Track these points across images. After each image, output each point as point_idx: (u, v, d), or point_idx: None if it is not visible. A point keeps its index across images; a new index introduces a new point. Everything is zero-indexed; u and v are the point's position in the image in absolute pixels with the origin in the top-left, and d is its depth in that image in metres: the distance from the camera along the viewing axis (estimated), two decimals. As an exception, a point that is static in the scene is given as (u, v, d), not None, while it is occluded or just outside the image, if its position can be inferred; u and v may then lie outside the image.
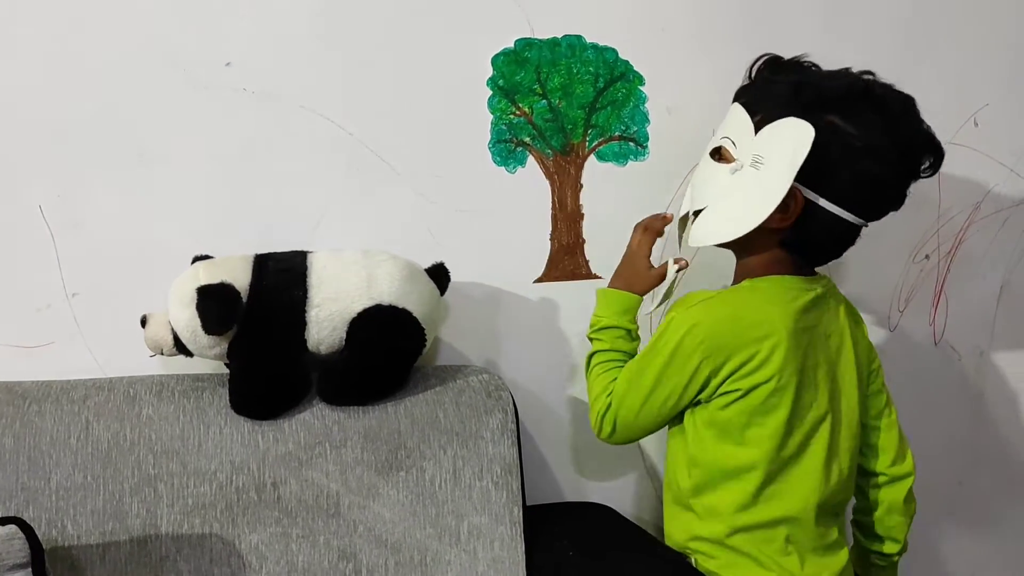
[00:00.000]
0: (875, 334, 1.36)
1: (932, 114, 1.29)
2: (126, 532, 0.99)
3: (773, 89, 0.97)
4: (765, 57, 1.03)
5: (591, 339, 1.08)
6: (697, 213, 1.01)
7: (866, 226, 0.99)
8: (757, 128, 0.95)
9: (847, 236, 0.99)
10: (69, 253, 1.12)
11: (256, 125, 1.14)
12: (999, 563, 1.48)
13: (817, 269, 1.05)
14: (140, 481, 1.00)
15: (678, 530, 1.05)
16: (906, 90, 1.27)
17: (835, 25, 1.28)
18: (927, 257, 1.37)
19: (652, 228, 1.07)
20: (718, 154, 0.99)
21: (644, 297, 1.08)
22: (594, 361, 1.07)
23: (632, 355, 1.05)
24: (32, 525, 0.88)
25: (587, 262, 1.26)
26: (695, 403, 0.99)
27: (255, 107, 1.13)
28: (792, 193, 0.93)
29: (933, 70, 1.31)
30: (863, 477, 1.08)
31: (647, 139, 1.25)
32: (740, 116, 0.97)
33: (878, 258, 1.35)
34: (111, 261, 1.13)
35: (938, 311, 1.39)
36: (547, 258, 1.25)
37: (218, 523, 1.01)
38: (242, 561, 1.01)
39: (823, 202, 0.94)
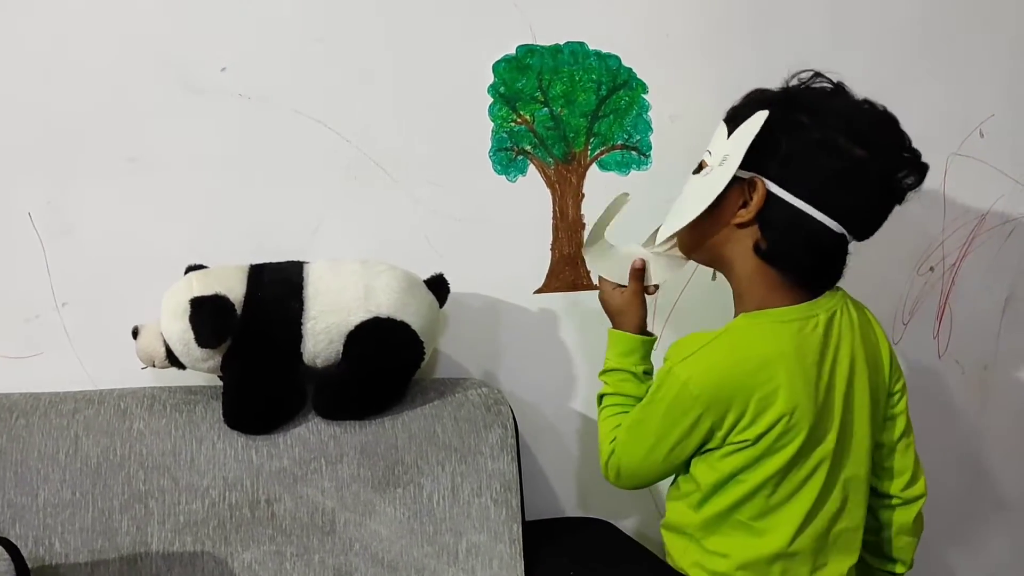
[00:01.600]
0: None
1: (937, 125, 1.31)
2: (116, 550, 0.97)
3: (752, 103, 0.97)
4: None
5: (603, 380, 1.06)
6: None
7: (849, 239, 0.93)
8: (729, 134, 0.94)
9: (823, 242, 0.92)
10: (59, 261, 1.10)
11: (252, 131, 1.12)
12: (1002, 578, 1.47)
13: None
14: (130, 497, 0.98)
15: (681, 555, 1.02)
16: (911, 100, 1.27)
17: (841, 34, 1.26)
18: (931, 269, 1.36)
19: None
20: (698, 167, 0.99)
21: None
22: (602, 404, 1.05)
23: (640, 398, 1.01)
24: (18, 544, 0.87)
25: (588, 272, 1.24)
26: (705, 451, 0.96)
27: (251, 113, 1.11)
28: (752, 184, 0.92)
29: (939, 80, 1.30)
30: (876, 498, 1.04)
31: (650, 148, 1.24)
32: (721, 130, 0.97)
33: (882, 270, 1.34)
34: (102, 270, 1.10)
35: (942, 324, 1.38)
36: (548, 268, 1.23)
37: (210, 541, 0.99)
38: (235, 580, 0.99)
39: (784, 194, 0.90)
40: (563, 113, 1.21)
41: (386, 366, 1.04)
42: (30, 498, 0.96)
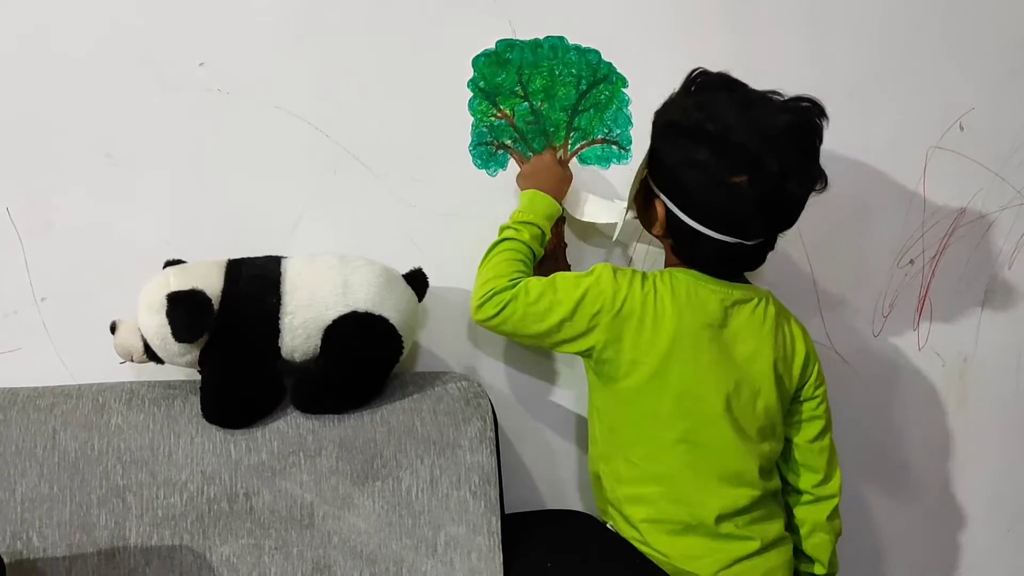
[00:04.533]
0: (858, 339, 1.36)
1: (917, 118, 1.31)
2: (93, 544, 0.97)
3: (660, 111, 1.06)
4: (695, 71, 1.07)
5: (509, 227, 1.10)
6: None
7: (749, 242, 1.02)
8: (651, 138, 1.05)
9: (723, 251, 1.02)
10: (37, 257, 1.10)
11: (230, 127, 1.12)
12: (980, 568, 1.47)
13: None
14: (108, 492, 0.98)
15: (600, 484, 1.12)
16: (891, 94, 1.29)
17: (821, 28, 1.27)
18: (912, 262, 1.36)
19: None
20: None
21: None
22: (505, 246, 1.09)
23: (536, 257, 1.10)
24: (-6, 539, 0.86)
25: (569, 266, 1.24)
26: (586, 354, 1.06)
27: (229, 108, 1.11)
28: (655, 207, 1.05)
29: (919, 74, 1.31)
30: (791, 495, 1.15)
31: (630, 142, 1.24)
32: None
33: (862, 263, 1.34)
34: (81, 265, 1.10)
35: (922, 316, 1.38)
36: (528, 263, 1.23)
37: (188, 535, 0.99)
38: (213, 574, 0.99)
39: (681, 215, 1.02)
40: (543, 107, 1.21)
41: (364, 360, 1.04)
42: (7, 493, 0.96)
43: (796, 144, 0.99)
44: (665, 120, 1.04)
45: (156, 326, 0.98)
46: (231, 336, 1.01)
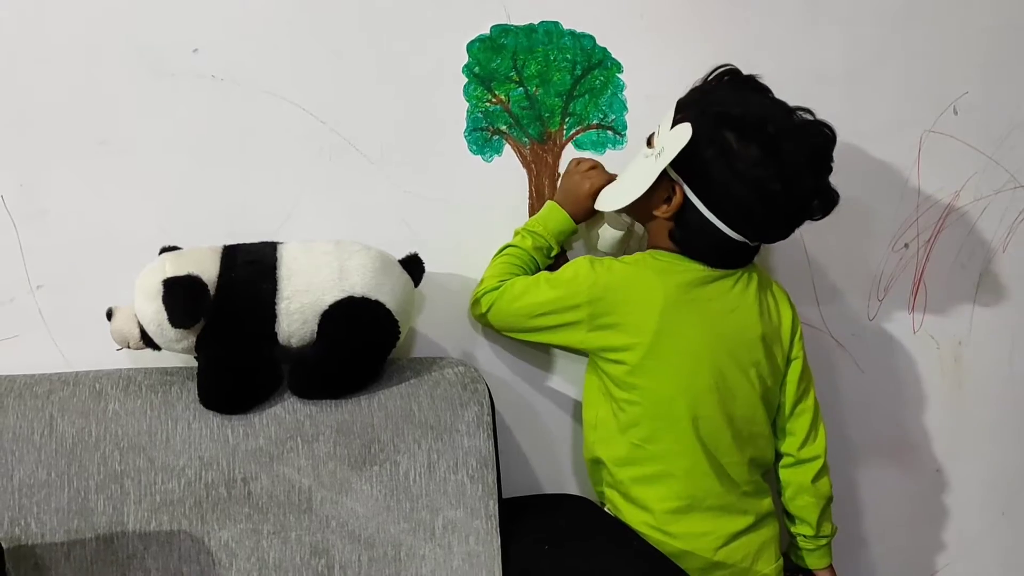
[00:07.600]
0: (853, 323, 1.37)
1: (911, 102, 1.32)
2: (92, 530, 0.97)
3: (698, 98, 1.06)
4: (724, 67, 1.08)
5: (519, 232, 1.17)
6: None
7: (750, 244, 1.06)
8: (673, 125, 1.03)
9: (727, 245, 1.05)
10: (33, 244, 1.10)
11: (225, 113, 1.12)
12: (974, 551, 1.48)
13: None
14: (106, 478, 0.98)
15: (599, 469, 1.15)
16: (886, 78, 1.29)
17: (816, 12, 1.27)
18: (906, 246, 1.37)
19: (602, 169, 1.16)
20: (650, 139, 1.08)
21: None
22: (508, 251, 1.15)
23: (539, 267, 1.15)
24: (-7, 524, 0.87)
25: (565, 251, 1.24)
26: (578, 346, 1.10)
27: (224, 94, 1.11)
28: (673, 188, 1.04)
29: (913, 58, 1.31)
30: (777, 459, 1.17)
31: (625, 127, 1.24)
32: (670, 113, 1.06)
33: (857, 246, 1.35)
34: (76, 252, 1.10)
35: (917, 300, 1.39)
36: (524, 248, 1.23)
37: (187, 520, 0.99)
38: (212, 558, 0.99)
39: (699, 204, 1.03)
40: (538, 93, 1.21)
41: (361, 345, 1.04)
42: (5, 479, 0.96)
43: (825, 166, 1.03)
44: (717, 110, 1.01)
45: (152, 312, 0.98)
46: (227, 322, 1.01)
